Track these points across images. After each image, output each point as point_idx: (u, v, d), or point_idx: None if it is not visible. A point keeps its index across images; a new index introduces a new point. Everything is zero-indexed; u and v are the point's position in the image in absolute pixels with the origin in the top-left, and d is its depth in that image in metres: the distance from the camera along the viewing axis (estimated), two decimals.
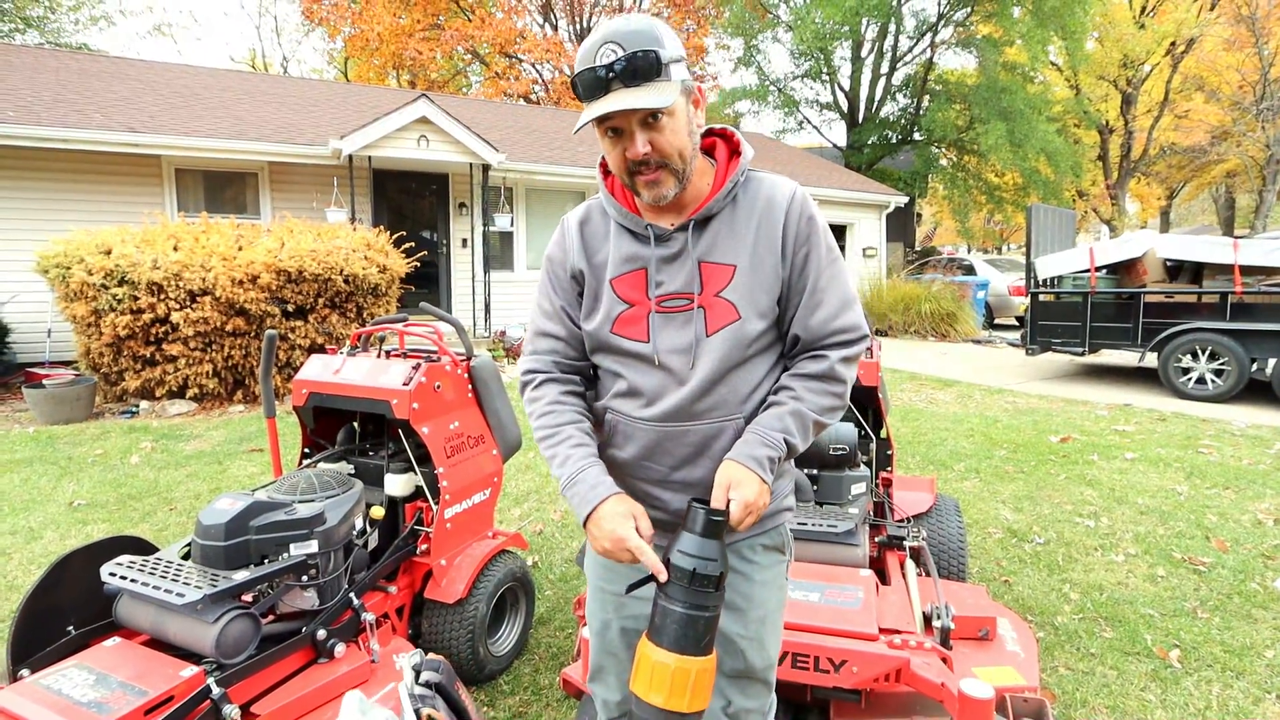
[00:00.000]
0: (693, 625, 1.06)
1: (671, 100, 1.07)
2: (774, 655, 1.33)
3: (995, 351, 10.67)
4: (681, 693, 1.05)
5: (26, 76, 9.18)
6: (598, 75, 1.07)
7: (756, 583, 1.29)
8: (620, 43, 1.07)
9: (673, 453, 1.23)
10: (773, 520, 1.30)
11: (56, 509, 3.87)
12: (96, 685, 1.58)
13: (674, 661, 1.05)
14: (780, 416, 1.18)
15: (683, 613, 1.06)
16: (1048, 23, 15.79)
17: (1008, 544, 3.46)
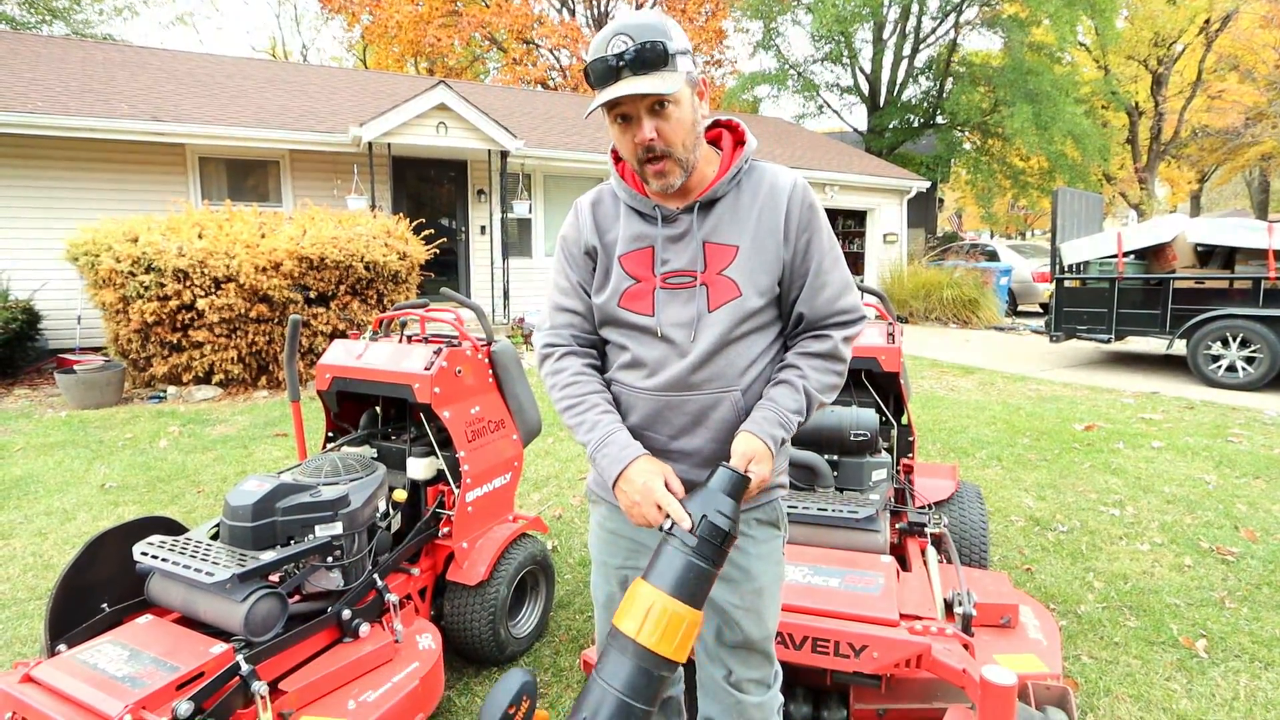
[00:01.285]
0: (698, 576, 1.09)
1: (677, 88, 1.16)
2: (771, 627, 1.37)
3: (1018, 338, 10.51)
4: (672, 637, 1.06)
5: (54, 67, 9.31)
6: (609, 64, 1.15)
7: (753, 556, 1.33)
8: (630, 34, 1.15)
9: (672, 422, 1.29)
10: (767, 495, 1.35)
11: (89, 491, 3.96)
12: (130, 660, 1.63)
13: (671, 605, 1.07)
14: (794, 397, 1.25)
15: (693, 562, 1.09)
16: (1077, 1, 15.37)
17: (1030, 532, 3.42)
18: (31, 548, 3.23)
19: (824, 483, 2.40)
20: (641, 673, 1.05)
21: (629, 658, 1.06)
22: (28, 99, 7.69)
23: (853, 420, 2.43)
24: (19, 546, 3.24)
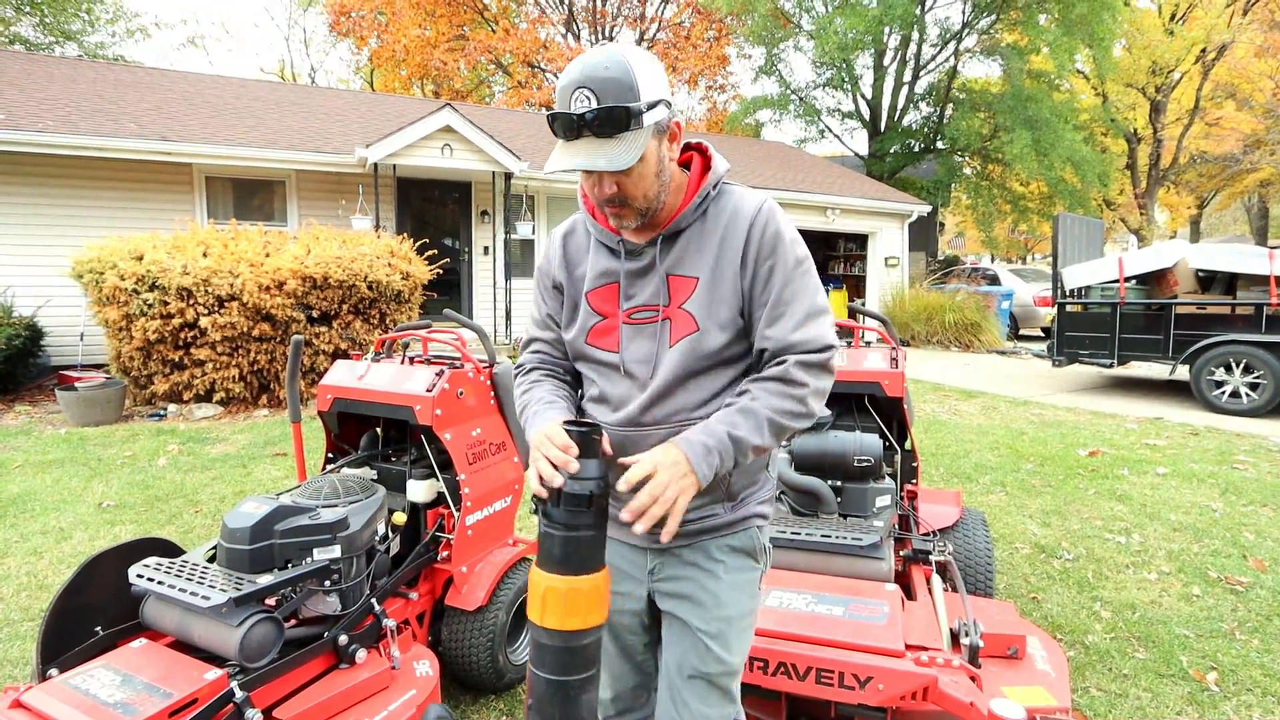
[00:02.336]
0: (572, 546, 1.08)
1: (636, 156, 1.11)
2: (735, 662, 1.31)
3: (1020, 362, 10.50)
4: (572, 611, 1.07)
5: (65, 87, 9.44)
6: (570, 120, 1.11)
7: (723, 582, 1.29)
8: (595, 91, 1.09)
9: (630, 454, 1.25)
10: (743, 524, 1.31)
11: (86, 509, 3.94)
12: (123, 686, 1.60)
13: (559, 584, 1.07)
14: (728, 413, 1.18)
15: (559, 535, 1.08)
16: (1075, 30, 15.59)
17: (1035, 560, 3.38)
18: (26, 567, 3.20)
19: (827, 508, 2.38)
20: (559, 651, 1.08)
21: (544, 642, 1.09)
22: (39, 118, 7.79)
23: (856, 445, 2.42)
24: (13, 566, 3.21)
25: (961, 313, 11.76)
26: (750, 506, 1.31)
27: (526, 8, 22.44)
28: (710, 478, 1.13)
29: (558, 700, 1.07)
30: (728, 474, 1.25)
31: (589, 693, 1.11)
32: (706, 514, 1.28)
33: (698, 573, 1.29)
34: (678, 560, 1.31)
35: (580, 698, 1.09)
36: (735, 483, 1.29)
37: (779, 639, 1.84)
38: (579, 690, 1.09)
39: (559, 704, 1.07)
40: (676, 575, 1.31)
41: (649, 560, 1.33)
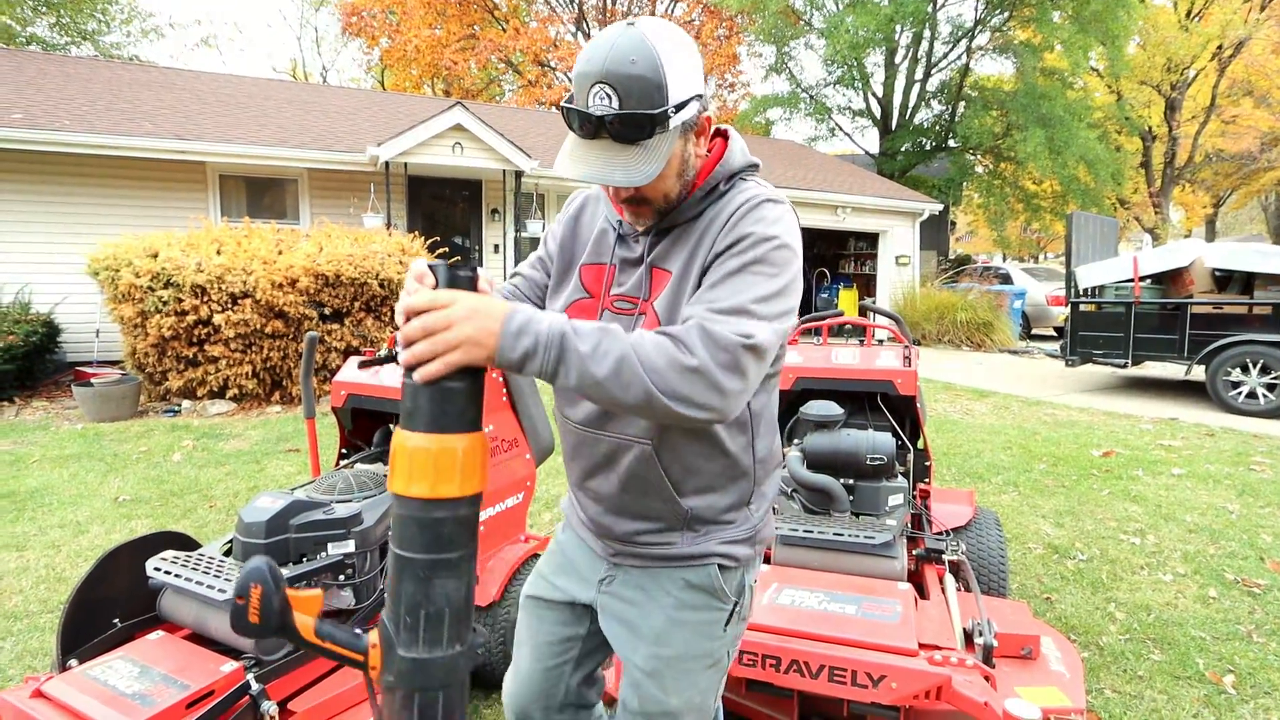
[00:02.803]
0: (443, 397, 0.88)
1: (658, 169, 0.99)
2: (673, 704, 1.18)
3: (1032, 362, 10.43)
4: (449, 475, 0.88)
5: (82, 86, 9.53)
6: (586, 123, 0.98)
7: (669, 618, 1.18)
8: (617, 90, 0.95)
9: (586, 458, 1.20)
10: (701, 560, 1.17)
11: (102, 504, 3.98)
12: (140, 677, 1.62)
13: (410, 442, 0.88)
14: (586, 321, 0.95)
15: (408, 383, 0.90)
16: (1089, 28, 15.45)
17: (1049, 560, 3.36)
18: (44, 560, 3.24)
19: (839, 507, 2.37)
20: (408, 522, 0.89)
21: (399, 512, 0.90)
22: (56, 117, 7.87)
23: (869, 444, 2.41)
24: (32, 558, 3.25)
25: (973, 312, 11.69)
26: (713, 543, 1.17)
27: (536, 6, 22.48)
28: (511, 363, 0.90)
29: (407, 579, 0.89)
30: (680, 504, 1.14)
31: (446, 581, 0.90)
32: (660, 540, 1.18)
33: (644, 599, 1.19)
34: (629, 581, 1.21)
35: (433, 582, 0.89)
36: (696, 513, 1.16)
37: (791, 637, 1.84)
38: (431, 572, 0.89)
39: (408, 583, 0.89)
40: (622, 596, 1.22)
41: (604, 568, 1.25)
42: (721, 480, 1.16)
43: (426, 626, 0.89)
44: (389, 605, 0.91)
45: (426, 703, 0.90)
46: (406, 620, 0.89)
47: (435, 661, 0.90)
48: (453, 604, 0.90)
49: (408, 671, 0.89)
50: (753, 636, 1.84)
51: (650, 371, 0.90)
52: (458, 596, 0.91)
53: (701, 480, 1.15)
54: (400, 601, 0.89)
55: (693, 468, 1.14)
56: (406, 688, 0.89)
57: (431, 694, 0.91)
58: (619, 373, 0.90)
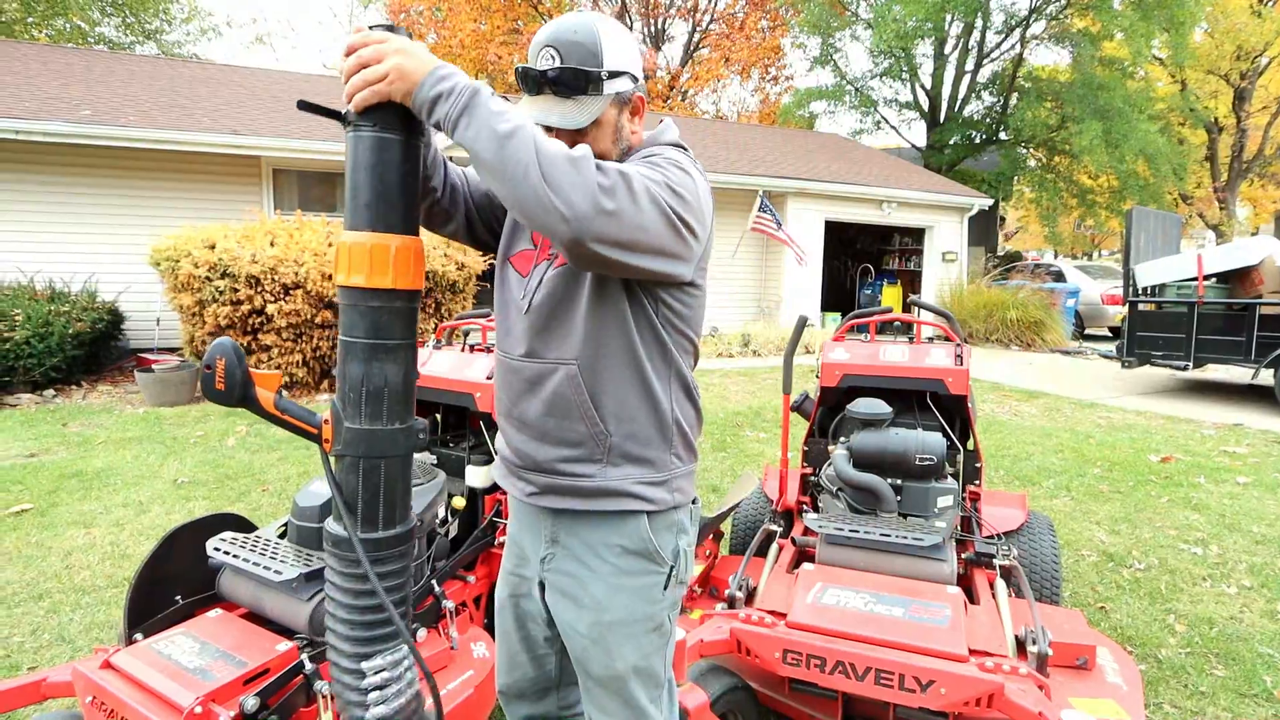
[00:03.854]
0: (381, 186, 1.02)
1: (588, 119, 1.15)
2: (621, 668, 1.22)
3: (1086, 363, 10.07)
4: (383, 268, 1.01)
5: (145, 84, 9.91)
6: (533, 77, 1.16)
7: (606, 584, 1.21)
8: (560, 50, 1.14)
9: (512, 386, 1.25)
10: (613, 499, 1.20)
11: (163, 485, 4.15)
12: (201, 653, 1.68)
13: (370, 239, 1.01)
14: (502, 110, 1.00)
15: (369, 140, 1.02)
16: (1152, 15, 14.78)
17: (1104, 568, 3.24)
18: (110, 537, 3.39)
19: (886, 507, 2.33)
20: (350, 310, 1.04)
21: (343, 302, 1.05)
22: (121, 113, 8.20)
23: (918, 443, 2.35)
24: (98, 536, 3.41)
25: (1025, 310, 11.33)
26: (629, 482, 1.19)
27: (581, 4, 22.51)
28: (425, 99, 0.98)
29: (351, 360, 1.03)
30: (601, 427, 1.17)
31: (384, 363, 1.04)
32: (580, 471, 1.20)
33: (582, 570, 1.23)
34: (567, 554, 1.25)
35: (372, 364, 1.04)
36: (616, 442, 1.19)
37: (836, 638, 1.81)
38: (370, 355, 1.03)
39: (353, 364, 1.03)
40: (563, 570, 1.26)
41: (543, 547, 1.28)
42: (642, 413, 1.20)
43: (367, 401, 1.03)
44: (338, 386, 1.06)
45: (370, 468, 1.05)
46: (350, 396, 1.04)
47: (377, 433, 1.04)
48: (391, 385, 1.05)
49: (353, 440, 1.04)
50: (797, 636, 1.82)
51: (541, 153, 0.96)
52: (396, 379, 1.05)
53: (621, 407, 1.19)
54: (345, 380, 1.04)
55: (614, 393, 1.18)
56: (353, 454, 1.04)
57: (374, 460, 1.05)
58: (514, 137, 0.96)
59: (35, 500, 3.84)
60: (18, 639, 2.51)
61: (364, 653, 1.06)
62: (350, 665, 1.07)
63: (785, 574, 2.25)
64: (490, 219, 1.37)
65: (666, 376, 1.23)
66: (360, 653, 1.06)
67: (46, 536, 3.38)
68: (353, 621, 1.06)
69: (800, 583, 2.05)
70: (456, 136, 0.98)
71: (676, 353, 1.23)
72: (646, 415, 1.21)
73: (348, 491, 1.05)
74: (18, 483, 4.11)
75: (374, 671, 1.07)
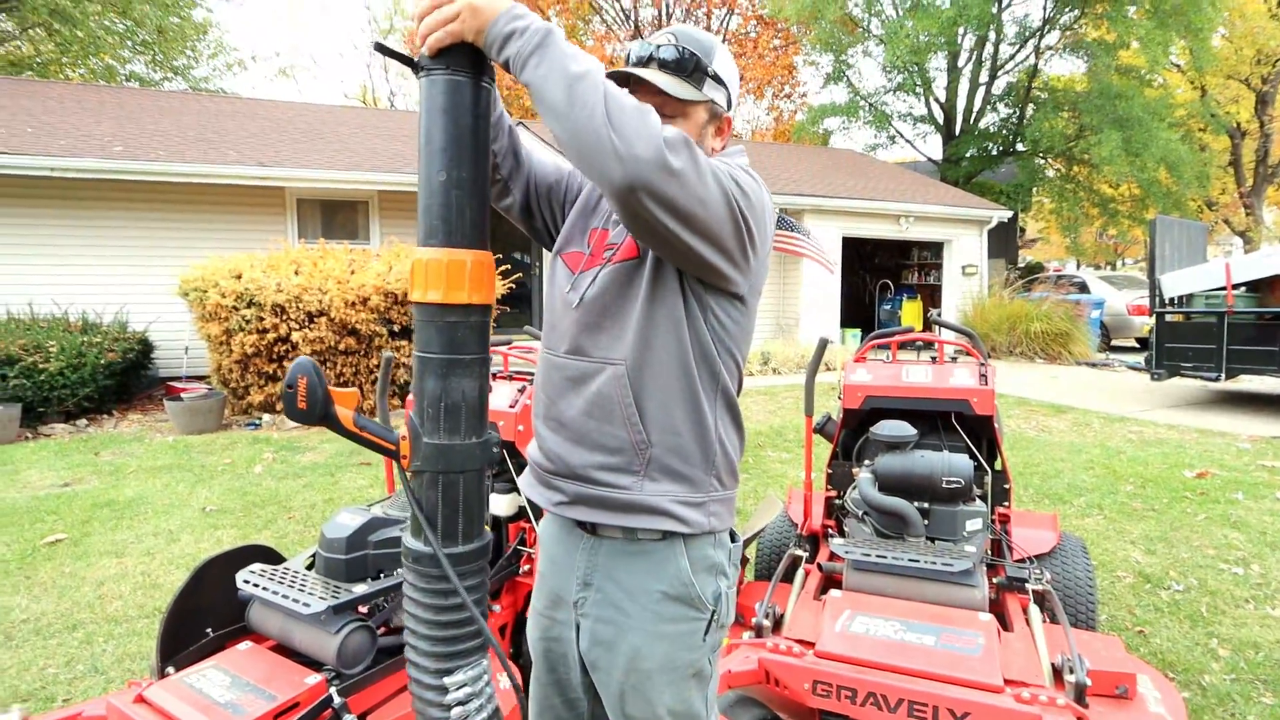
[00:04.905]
0: (455, 130, 1.01)
1: (685, 96, 1.16)
2: (662, 712, 1.18)
3: (1113, 375, 9.89)
4: (459, 283, 1.02)
5: (174, 119, 10.21)
6: (643, 51, 1.19)
7: (647, 633, 1.17)
8: (677, 38, 1.19)
9: (555, 384, 1.22)
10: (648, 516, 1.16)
11: (191, 513, 4.21)
12: (231, 687, 1.69)
13: (446, 255, 1.02)
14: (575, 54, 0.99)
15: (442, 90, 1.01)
16: (1169, 22, 14.67)
17: (1141, 590, 3.16)
18: (141, 566, 3.44)
19: (914, 531, 2.29)
20: (427, 326, 1.05)
21: (419, 319, 1.06)
22: (151, 148, 8.45)
23: (944, 466, 2.32)
24: (130, 565, 3.46)
25: (1049, 322, 11.17)
26: (666, 499, 1.15)
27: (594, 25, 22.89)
28: (498, 36, 0.98)
29: (429, 376, 1.04)
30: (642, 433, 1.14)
31: (461, 378, 1.04)
32: (616, 481, 1.16)
33: (618, 615, 1.19)
34: (604, 600, 1.21)
35: (450, 379, 1.04)
36: (656, 453, 1.15)
37: (867, 668, 1.78)
38: (448, 370, 1.04)
39: (430, 380, 1.03)
40: (597, 616, 1.22)
41: (575, 590, 1.24)
42: (688, 427, 1.16)
43: (446, 416, 1.04)
44: (415, 402, 1.06)
45: (449, 482, 1.05)
46: (429, 411, 1.04)
47: (455, 447, 1.04)
48: (468, 399, 1.05)
49: (432, 455, 1.04)
50: (826, 666, 1.79)
51: (609, 96, 0.94)
52: (472, 393, 1.06)
53: (666, 417, 1.15)
54: (424, 396, 1.04)
55: (661, 401, 1.15)
56: (432, 470, 1.04)
57: (453, 475, 1.05)
58: (585, 79, 0.95)
59: (69, 530, 3.92)
60: (53, 670, 2.55)
61: (446, 668, 1.05)
62: (433, 681, 1.06)
63: (812, 600, 2.22)
64: (551, 210, 1.37)
65: (713, 393, 1.19)
66: (443, 668, 1.05)
67: (80, 566, 3.44)
68: (434, 637, 1.05)
69: (828, 610, 2.02)
70: (526, 74, 0.97)
71: (724, 370, 1.20)
72: (690, 429, 1.17)
73: (428, 507, 1.05)
74: (53, 513, 4.20)
75: (457, 687, 1.06)
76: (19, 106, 9.47)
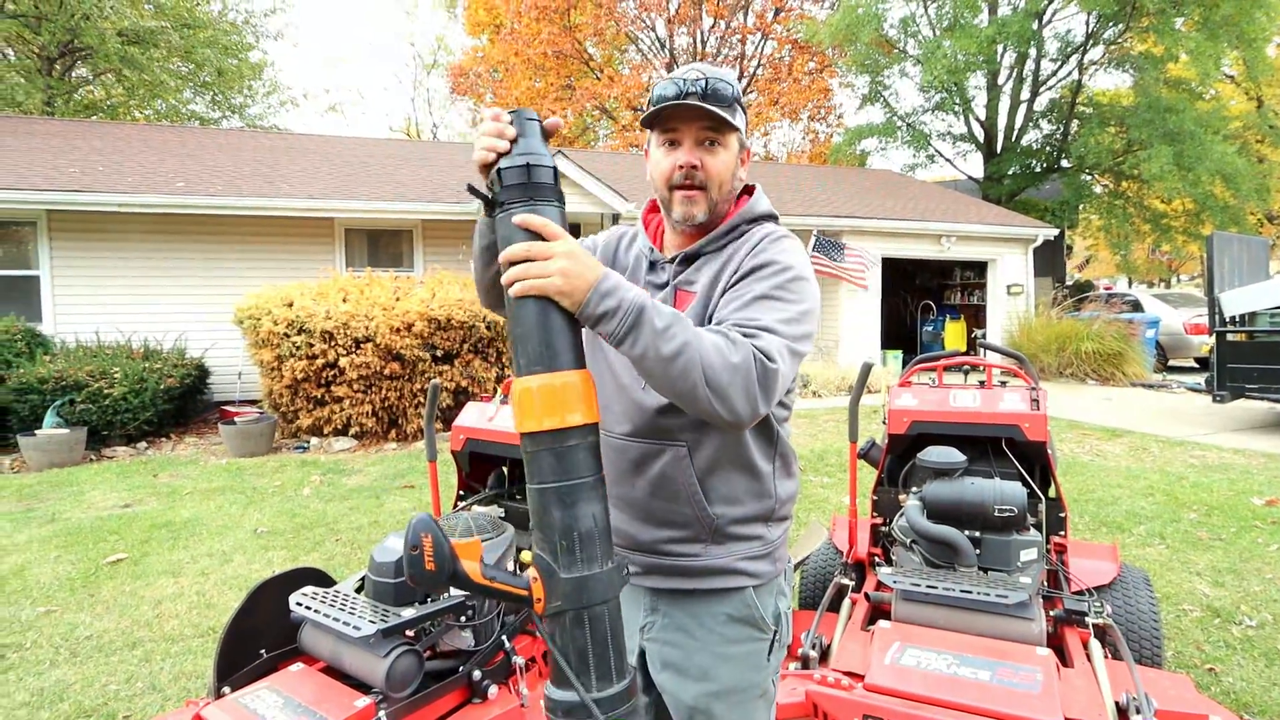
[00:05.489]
0: (553, 333, 0.97)
1: (732, 121, 1.17)
2: None
3: (1171, 397, 9.49)
4: (574, 405, 0.96)
5: (230, 155, 10.72)
6: (678, 88, 1.17)
7: (713, 654, 1.21)
8: (706, 74, 1.18)
9: (615, 465, 1.22)
10: (724, 577, 1.20)
11: (243, 535, 4.33)
12: (285, 708, 1.72)
13: (556, 379, 0.96)
14: (663, 306, 1.02)
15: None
16: (1220, 33, 14.26)
17: (1209, 625, 3.00)
18: (196, 586, 3.55)
19: (965, 561, 2.23)
20: (545, 455, 0.96)
21: (532, 450, 0.97)
22: (210, 184, 8.87)
23: (995, 494, 2.26)
24: (186, 585, 3.57)
25: (1101, 341, 10.81)
26: (735, 558, 1.20)
27: (629, 55, 23.32)
28: (590, 315, 0.98)
29: (554, 508, 0.95)
30: (708, 510, 1.17)
31: (585, 504, 0.96)
32: (686, 551, 1.20)
33: (685, 639, 1.22)
34: (670, 624, 1.24)
35: (578, 505, 0.95)
36: (720, 524, 1.20)
37: (920, 703, 1.73)
38: (575, 497, 0.95)
39: (556, 511, 0.95)
40: (665, 640, 1.24)
41: (643, 615, 1.26)
42: (747, 496, 1.21)
43: (582, 546, 0.95)
44: (541, 538, 0.97)
45: (595, 616, 0.95)
46: (562, 544, 0.95)
47: (597, 577, 0.95)
48: (598, 523, 0.97)
49: (574, 591, 0.94)
50: (877, 700, 1.75)
51: (706, 366, 0.98)
52: (601, 516, 0.98)
53: (729, 489, 1.19)
54: (553, 529, 0.95)
55: (722, 476, 1.19)
56: (575, 607, 0.94)
57: (599, 608, 0.96)
58: (680, 355, 0.98)
59: (130, 550, 4.07)
60: (114, 687, 2.64)
61: None
62: None
63: (860, 631, 2.17)
64: None
65: (771, 454, 1.23)
66: None
67: (139, 586, 3.57)
68: None
69: (877, 641, 1.97)
70: (622, 350, 1.00)
71: (777, 425, 1.23)
72: (752, 497, 1.21)
73: (577, 648, 0.96)
74: (114, 533, 4.37)
75: None
76: (91, 147, 10.06)
